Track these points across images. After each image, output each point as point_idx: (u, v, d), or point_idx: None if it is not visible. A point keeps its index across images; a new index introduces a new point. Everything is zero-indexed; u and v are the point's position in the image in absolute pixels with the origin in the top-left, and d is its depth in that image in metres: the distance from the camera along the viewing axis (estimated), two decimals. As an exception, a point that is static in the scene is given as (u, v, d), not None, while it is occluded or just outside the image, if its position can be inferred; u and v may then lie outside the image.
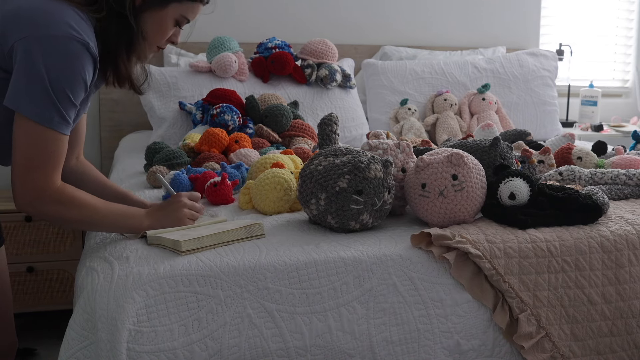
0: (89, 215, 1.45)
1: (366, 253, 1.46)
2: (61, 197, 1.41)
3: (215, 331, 1.33)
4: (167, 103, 2.86)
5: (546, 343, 1.47)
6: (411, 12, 3.67)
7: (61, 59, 1.35)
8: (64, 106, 1.37)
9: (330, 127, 1.78)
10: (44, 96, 1.35)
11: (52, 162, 1.39)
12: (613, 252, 1.56)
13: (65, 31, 1.35)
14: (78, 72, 1.37)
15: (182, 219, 1.57)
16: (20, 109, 1.35)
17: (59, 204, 1.41)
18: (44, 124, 1.36)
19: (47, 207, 1.40)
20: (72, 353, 1.32)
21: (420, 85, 3.27)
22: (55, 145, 1.39)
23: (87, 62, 1.39)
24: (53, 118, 1.36)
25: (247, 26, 3.41)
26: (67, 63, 1.35)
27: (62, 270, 2.71)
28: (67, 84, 1.36)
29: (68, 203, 1.42)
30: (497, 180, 1.64)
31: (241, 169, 2.05)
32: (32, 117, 1.35)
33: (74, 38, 1.36)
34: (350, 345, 1.39)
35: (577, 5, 4.09)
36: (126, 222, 1.52)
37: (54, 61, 1.34)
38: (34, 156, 1.37)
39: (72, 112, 1.40)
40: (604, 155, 2.35)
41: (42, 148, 1.37)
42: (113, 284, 1.33)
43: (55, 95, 1.35)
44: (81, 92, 1.41)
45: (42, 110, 1.35)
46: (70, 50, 1.35)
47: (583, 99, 3.93)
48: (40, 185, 1.38)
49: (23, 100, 1.35)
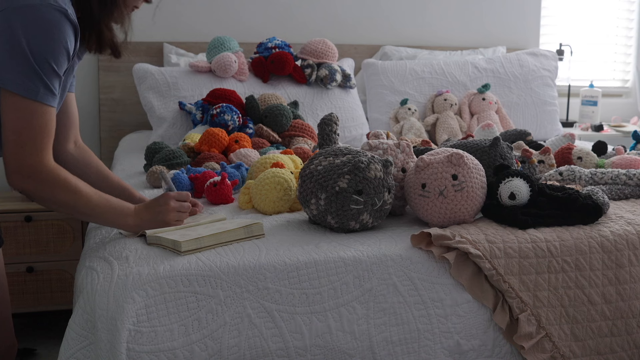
0: (80, 202, 1.43)
1: (366, 253, 1.46)
2: (54, 178, 1.39)
3: (215, 331, 1.33)
4: (167, 103, 2.85)
5: (546, 343, 1.47)
6: (411, 12, 3.66)
7: (41, 28, 1.33)
8: (48, 77, 1.35)
9: (330, 127, 1.78)
10: (27, 68, 1.33)
11: (41, 136, 1.37)
12: (613, 252, 1.56)
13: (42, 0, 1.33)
14: (59, 41, 1.35)
15: (168, 223, 1.55)
16: (4, 84, 1.33)
17: (52, 185, 1.39)
18: (30, 96, 1.34)
19: (39, 185, 1.38)
20: (72, 353, 1.32)
21: (420, 85, 3.27)
22: (43, 117, 1.37)
23: (67, 30, 1.37)
24: (38, 90, 1.35)
25: (247, 26, 3.41)
26: (48, 32, 1.33)
27: (62, 270, 2.71)
28: (50, 54, 1.34)
29: (61, 186, 1.40)
30: (497, 180, 1.64)
31: (241, 169, 2.05)
32: (16, 91, 1.33)
33: (52, 6, 1.34)
34: (350, 345, 1.39)
35: (577, 5, 4.09)
36: (113, 217, 1.50)
37: (34, 31, 1.32)
38: (23, 130, 1.35)
39: (56, 82, 1.38)
40: (604, 155, 2.35)
41: (30, 121, 1.35)
42: (113, 284, 1.33)
43: (38, 66, 1.33)
44: (64, 61, 1.39)
45: (26, 82, 1.33)
46: (49, 19, 1.33)
47: (583, 99, 3.93)
48: (32, 161, 1.36)
49: (6, 74, 1.33)
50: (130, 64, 3.09)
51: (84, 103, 3.19)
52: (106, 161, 3.19)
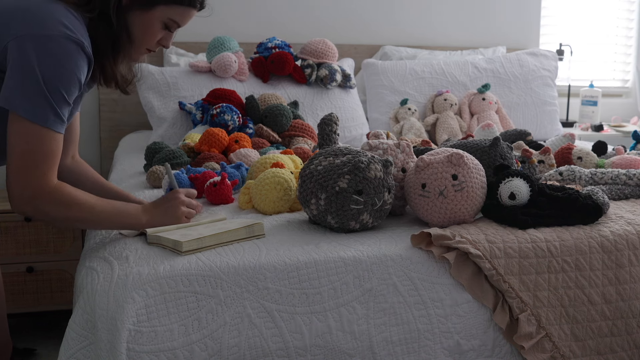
0: (87, 213, 1.44)
1: (366, 253, 1.46)
2: (59, 197, 1.40)
3: (215, 331, 1.33)
4: (167, 103, 2.85)
5: (546, 343, 1.47)
6: (411, 12, 3.67)
7: (56, 58, 1.35)
8: (58, 105, 1.37)
9: (330, 127, 1.78)
10: (38, 95, 1.34)
11: (48, 161, 1.38)
12: (613, 252, 1.56)
13: (60, 30, 1.35)
14: (72, 71, 1.37)
15: (179, 218, 1.56)
16: (15, 108, 1.35)
17: (57, 203, 1.40)
18: (39, 122, 1.35)
19: (45, 207, 1.40)
20: (72, 353, 1.31)
21: (420, 85, 3.27)
22: (50, 144, 1.38)
23: (81, 62, 1.39)
24: (48, 117, 1.36)
25: (247, 26, 3.41)
26: (62, 62, 1.35)
27: (62, 270, 2.71)
28: (62, 83, 1.36)
29: (66, 202, 1.41)
30: (497, 180, 1.64)
31: (241, 169, 2.05)
32: (27, 116, 1.35)
33: (69, 37, 1.36)
34: (350, 345, 1.39)
35: (577, 5, 4.09)
36: (124, 220, 1.51)
37: (49, 60, 1.34)
38: (30, 155, 1.36)
39: (66, 110, 1.40)
40: (604, 155, 2.35)
41: (37, 147, 1.37)
42: (113, 284, 1.33)
43: (49, 94, 1.35)
44: (75, 91, 1.41)
45: (37, 109, 1.35)
46: (64, 49, 1.35)
47: (583, 99, 3.93)
48: (36, 185, 1.37)
49: (18, 99, 1.34)
50: (130, 64, 3.09)
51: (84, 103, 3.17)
52: (106, 161, 3.19)
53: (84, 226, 1.52)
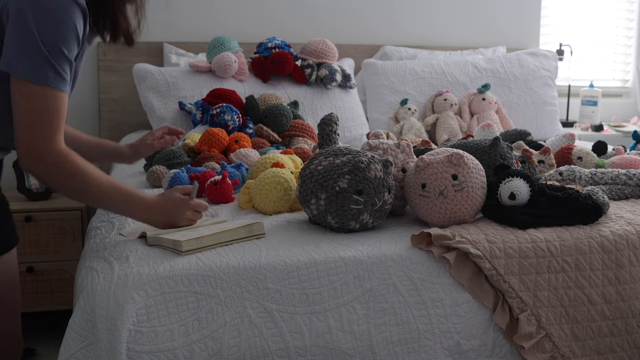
0: (92, 187, 1.43)
1: (366, 253, 1.46)
2: (64, 162, 1.40)
3: (215, 331, 1.33)
4: (167, 103, 2.85)
5: (546, 343, 1.47)
6: (411, 12, 3.66)
7: (51, 14, 1.34)
8: (58, 62, 1.37)
9: (330, 127, 1.78)
10: (36, 54, 1.34)
11: (53, 121, 1.38)
12: (613, 252, 1.56)
13: None
14: (68, 26, 1.37)
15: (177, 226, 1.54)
16: (15, 71, 1.35)
17: (62, 168, 1.40)
18: (40, 82, 1.35)
19: (49, 170, 1.39)
20: (72, 353, 1.31)
21: (420, 85, 3.27)
22: (53, 102, 1.38)
23: (76, 15, 1.38)
24: (48, 75, 1.36)
25: (247, 26, 3.41)
26: (57, 18, 1.35)
27: (62, 270, 2.71)
28: (60, 39, 1.36)
29: (70, 170, 1.40)
30: (497, 180, 1.64)
31: (241, 169, 2.05)
32: (26, 77, 1.35)
33: None
34: (350, 345, 1.39)
35: (577, 5, 4.09)
36: (124, 206, 1.49)
37: (44, 18, 1.34)
38: (34, 115, 1.36)
39: (67, 67, 1.39)
40: (604, 155, 2.35)
41: (40, 106, 1.37)
42: (113, 284, 1.33)
43: (48, 51, 1.35)
44: (74, 45, 1.40)
45: (36, 68, 1.35)
46: (58, 4, 1.35)
47: (583, 99, 3.93)
48: (43, 146, 1.37)
49: (16, 61, 1.35)
50: (130, 64, 3.09)
51: (84, 103, 3.18)
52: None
53: (84, 199, 1.49)
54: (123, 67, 3.18)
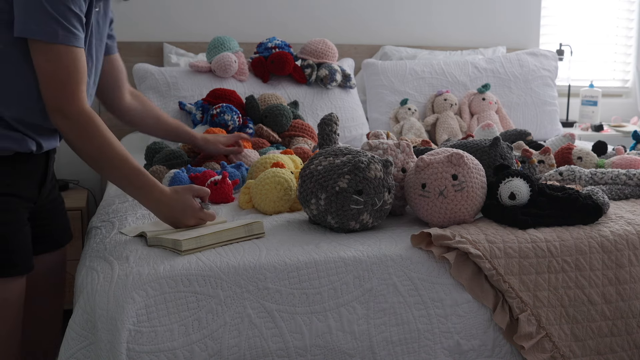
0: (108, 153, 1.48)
1: (366, 253, 1.46)
2: (85, 122, 1.44)
3: (215, 331, 1.33)
4: (167, 103, 2.85)
5: (546, 343, 1.47)
6: (411, 12, 3.66)
7: None
8: (65, 18, 1.39)
9: (330, 127, 1.78)
10: (42, 13, 1.37)
11: (72, 78, 1.42)
12: (613, 252, 1.56)
13: None
14: None
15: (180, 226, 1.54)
16: (25, 33, 1.38)
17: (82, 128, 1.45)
18: (50, 40, 1.38)
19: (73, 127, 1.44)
20: (72, 353, 1.32)
21: (420, 85, 3.27)
22: (68, 58, 1.41)
23: None
24: (57, 33, 1.38)
25: (247, 26, 3.40)
26: None
27: (62, 270, 2.70)
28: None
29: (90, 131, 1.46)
30: (497, 180, 1.64)
31: (241, 169, 2.05)
32: (37, 37, 1.38)
33: None
34: (350, 345, 1.39)
35: (577, 5, 4.09)
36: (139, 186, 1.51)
37: None
38: (52, 73, 1.40)
39: (76, 22, 1.42)
40: (604, 155, 2.35)
41: (56, 64, 1.40)
42: (113, 284, 1.33)
43: (53, 9, 1.37)
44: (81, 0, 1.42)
45: (44, 28, 1.37)
46: None
47: (583, 99, 3.93)
48: (65, 103, 1.42)
49: (26, 24, 1.37)
50: (130, 64, 3.09)
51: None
52: (106, 161, 3.18)
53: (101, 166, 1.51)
54: (123, 67, 3.18)
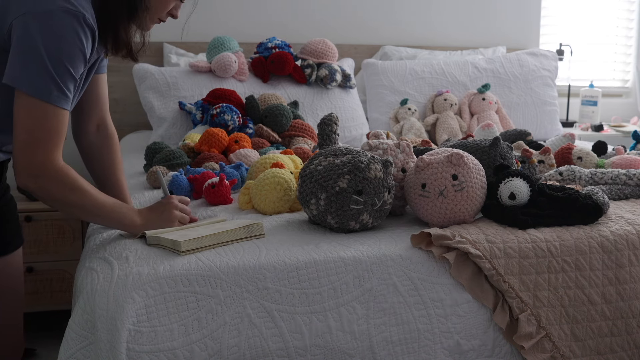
0: (87, 202, 1.46)
1: (366, 253, 1.46)
2: (63, 178, 1.42)
3: (215, 331, 1.33)
4: (167, 103, 2.85)
5: (546, 343, 1.47)
6: (411, 12, 3.66)
7: (57, 33, 1.36)
8: (62, 80, 1.38)
9: (330, 127, 1.78)
10: (41, 70, 1.35)
11: (52, 138, 1.39)
12: (613, 252, 1.56)
13: (60, 5, 1.36)
14: (75, 45, 1.38)
15: (172, 221, 1.58)
16: (18, 85, 1.36)
17: (60, 184, 1.41)
18: (42, 98, 1.36)
19: (48, 185, 1.41)
20: (71, 353, 1.32)
21: (420, 85, 3.27)
22: (54, 120, 1.39)
23: (83, 34, 1.39)
24: (51, 92, 1.37)
25: (247, 26, 3.40)
26: (64, 36, 1.36)
27: (62, 270, 2.71)
28: (65, 57, 1.37)
29: (70, 185, 1.42)
30: (497, 180, 1.64)
31: (241, 169, 2.05)
32: (29, 92, 1.36)
33: (69, 11, 1.36)
34: (350, 345, 1.39)
35: (577, 5, 4.09)
36: (120, 217, 1.53)
37: (51, 36, 1.35)
38: (34, 131, 1.38)
39: (71, 85, 1.41)
40: (604, 155, 2.35)
41: (41, 123, 1.38)
42: (112, 284, 1.33)
43: (53, 69, 1.36)
44: (80, 64, 1.41)
45: (40, 84, 1.36)
46: (66, 23, 1.36)
47: (583, 99, 3.93)
48: (40, 160, 1.39)
49: (20, 76, 1.36)
50: (130, 64, 3.08)
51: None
52: (106, 161, 3.18)
53: (80, 214, 1.52)
54: (123, 67, 3.18)
